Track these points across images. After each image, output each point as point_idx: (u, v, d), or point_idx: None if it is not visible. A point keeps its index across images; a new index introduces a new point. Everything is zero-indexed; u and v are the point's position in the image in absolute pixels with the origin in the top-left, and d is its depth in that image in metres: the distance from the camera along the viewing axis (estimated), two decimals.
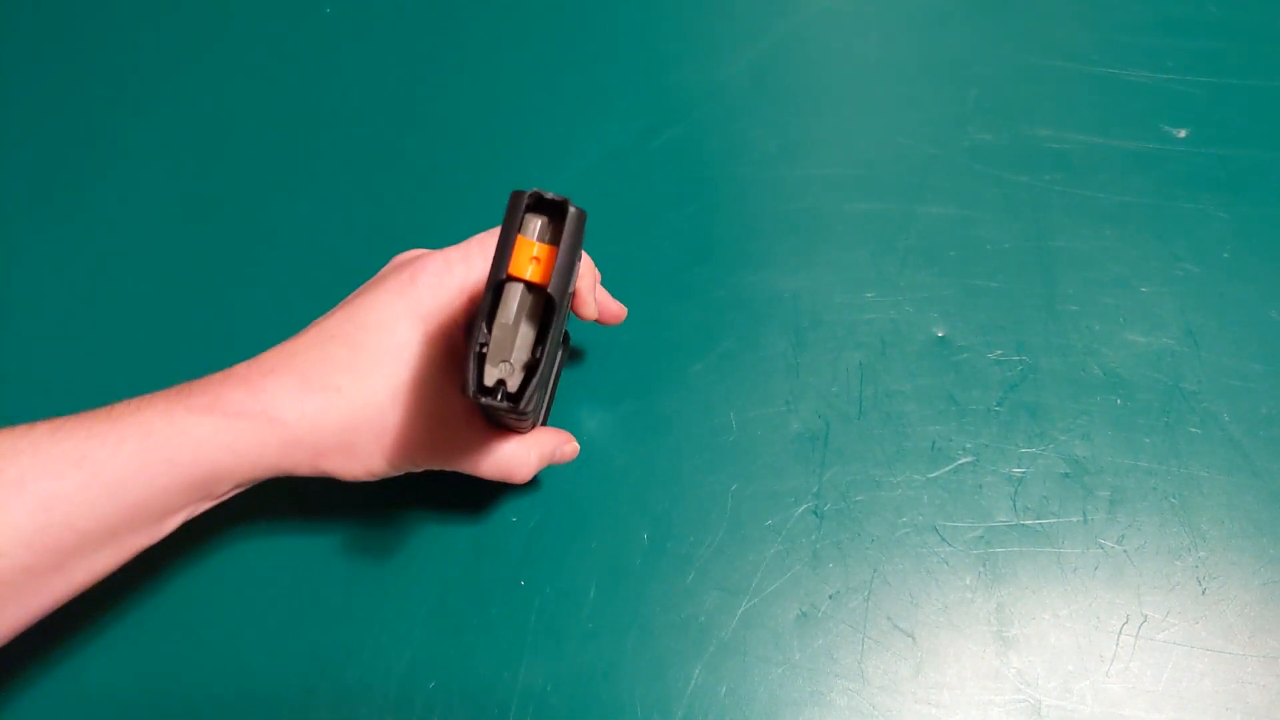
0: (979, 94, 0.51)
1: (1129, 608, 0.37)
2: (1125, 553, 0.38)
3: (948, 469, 0.40)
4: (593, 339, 0.44)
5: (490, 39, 0.55)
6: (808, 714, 0.35)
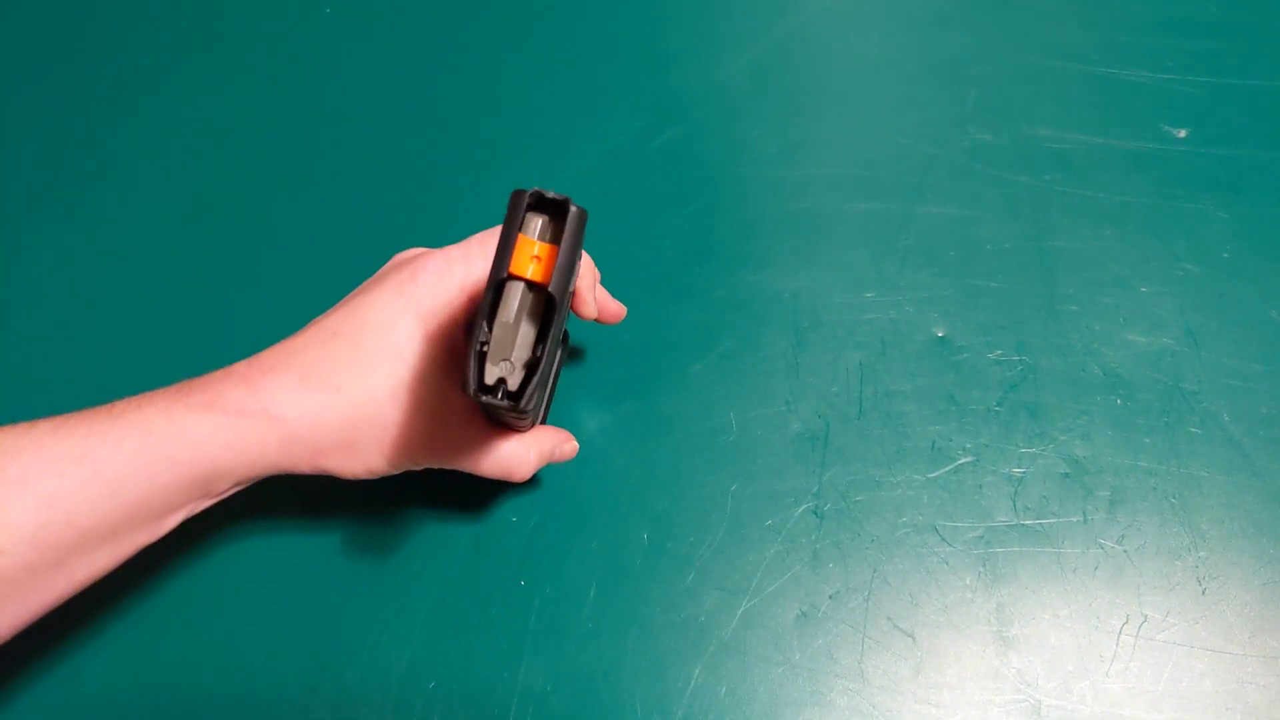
0: (979, 94, 0.51)
1: (1129, 608, 0.37)
2: (1125, 553, 0.38)
3: (948, 469, 0.40)
4: (593, 339, 0.44)
5: (490, 39, 0.55)
6: (808, 714, 0.35)
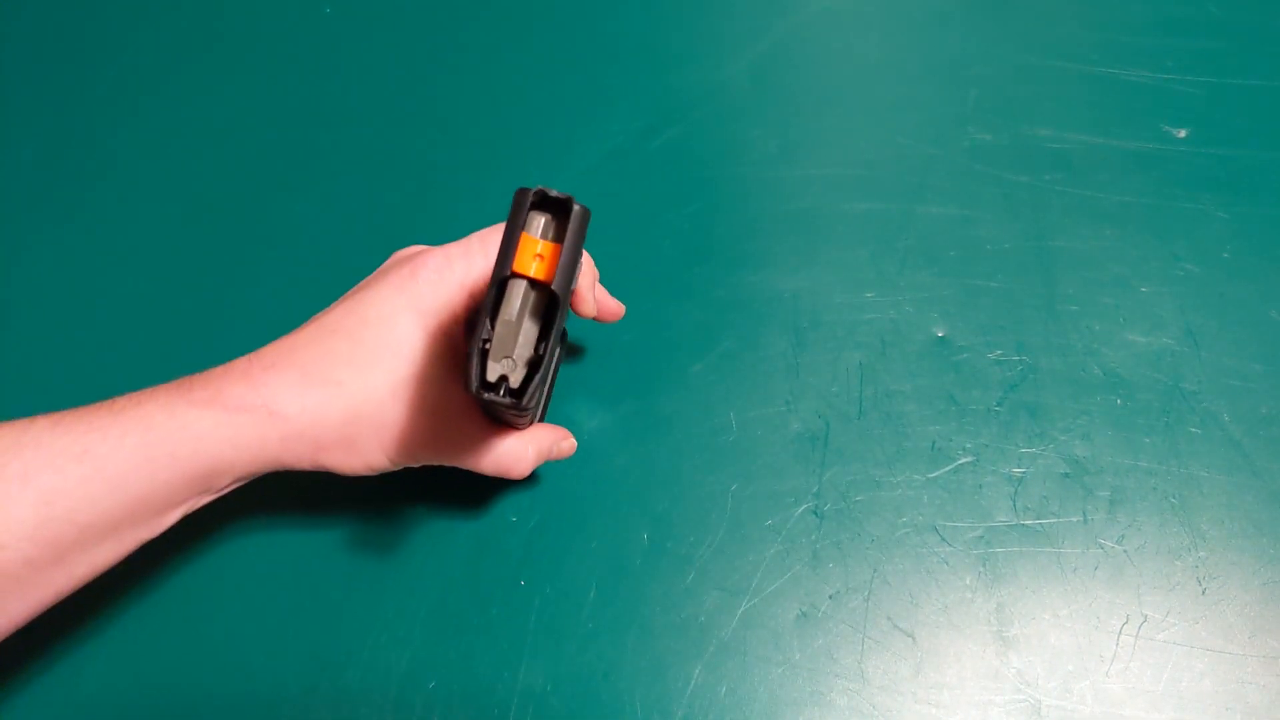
0: (979, 94, 0.51)
1: (1129, 608, 0.37)
2: (1125, 553, 0.38)
3: (948, 469, 0.40)
4: (592, 338, 0.44)
5: (490, 39, 0.55)
6: (808, 714, 0.35)
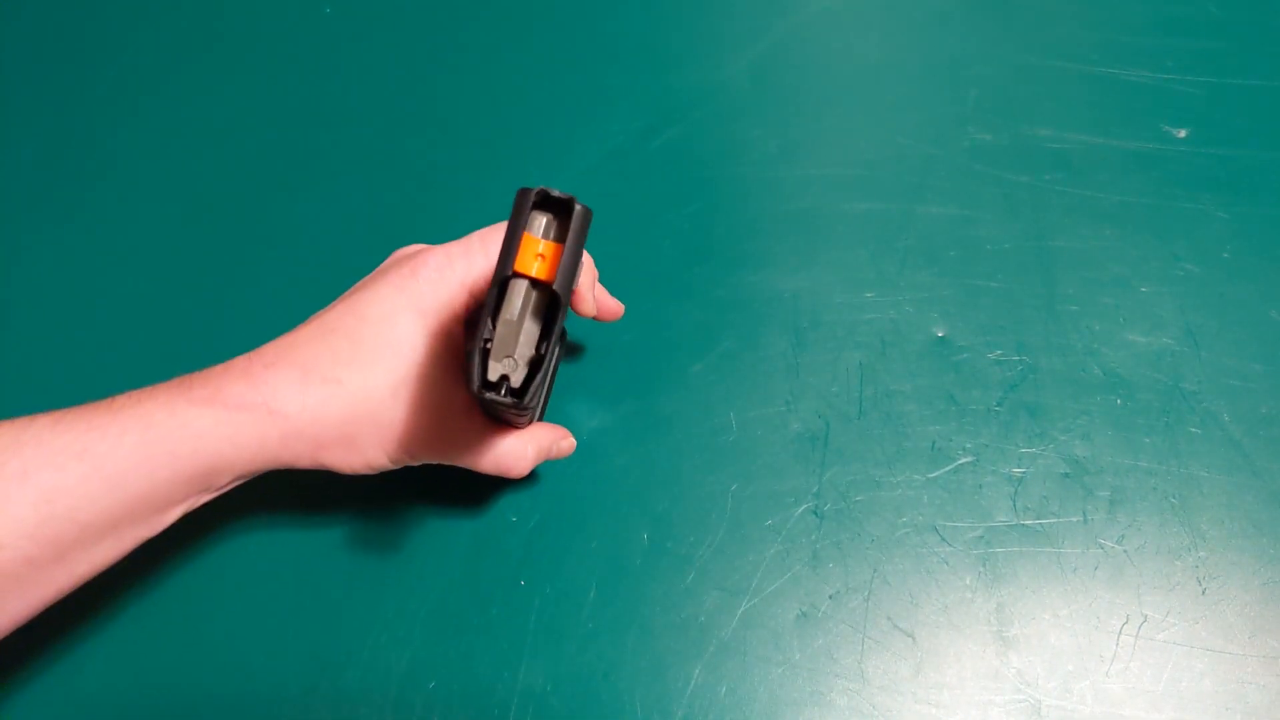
0: (979, 94, 0.51)
1: (1129, 608, 0.37)
2: (1125, 553, 0.38)
3: (948, 469, 0.40)
4: (592, 339, 0.44)
5: (490, 39, 0.55)
6: (808, 714, 0.35)
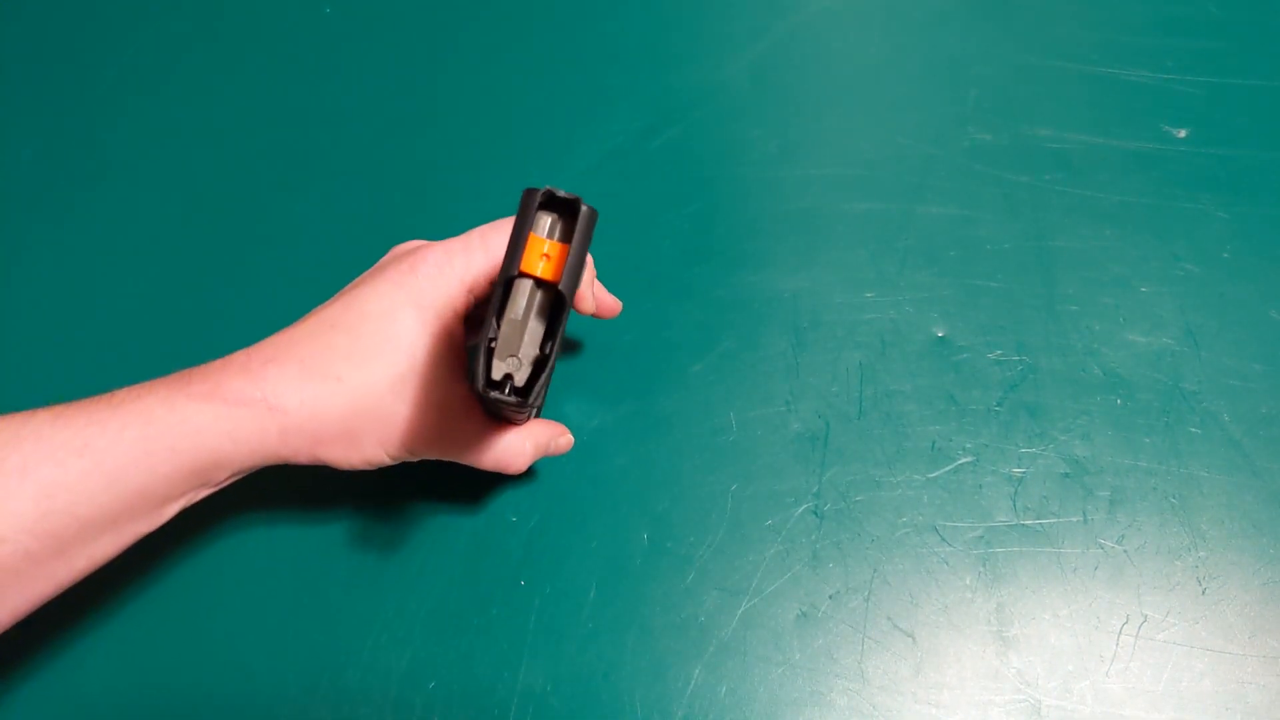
0: (979, 94, 0.51)
1: (1129, 608, 0.37)
2: (1125, 553, 0.38)
3: (948, 469, 0.40)
4: (592, 338, 0.44)
5: (490, 39, 0.55)
6: (808, 714, 0.35)
